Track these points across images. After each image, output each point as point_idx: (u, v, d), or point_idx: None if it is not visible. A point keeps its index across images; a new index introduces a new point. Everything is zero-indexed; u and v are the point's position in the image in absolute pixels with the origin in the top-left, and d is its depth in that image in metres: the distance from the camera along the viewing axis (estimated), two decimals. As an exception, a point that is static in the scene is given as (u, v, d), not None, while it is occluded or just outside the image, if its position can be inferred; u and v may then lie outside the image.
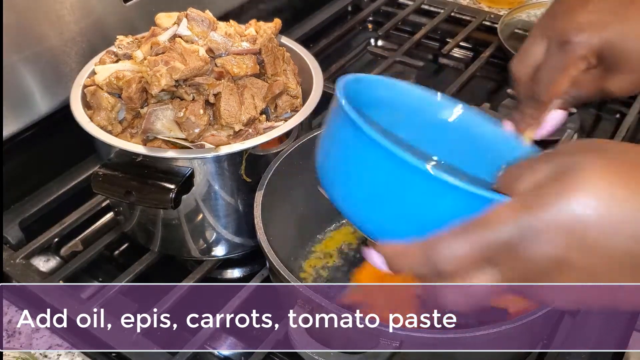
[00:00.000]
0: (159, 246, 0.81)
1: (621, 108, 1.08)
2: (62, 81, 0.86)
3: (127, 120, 0.75)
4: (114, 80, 0.74)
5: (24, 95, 0.84)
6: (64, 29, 0.86)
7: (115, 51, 0.80)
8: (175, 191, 0.69)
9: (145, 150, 0.71)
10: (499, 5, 1.31)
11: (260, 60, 0.77)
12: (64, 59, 0.87)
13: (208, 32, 0.77)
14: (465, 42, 1.23)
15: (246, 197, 0.75)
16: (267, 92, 0.76)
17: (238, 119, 0.73)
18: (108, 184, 0.71)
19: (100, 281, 0.83)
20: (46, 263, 0.85)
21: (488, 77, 1.18)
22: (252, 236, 0.78)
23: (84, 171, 0.92)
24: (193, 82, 0.72)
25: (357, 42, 1.30)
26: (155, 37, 0.77)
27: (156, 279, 0.80)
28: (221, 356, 0.72)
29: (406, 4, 1.32)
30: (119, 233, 0.84)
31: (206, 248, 0.81)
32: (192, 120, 0.71)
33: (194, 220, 0.77)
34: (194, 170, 0.71)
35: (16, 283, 0.78)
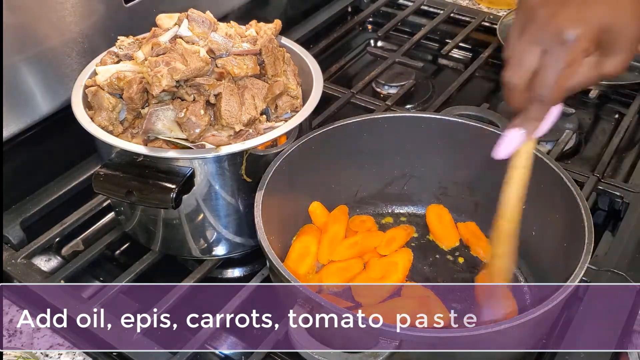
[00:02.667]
0: (159, 246, 0.81)
1: (620, 108, 1.09)
2: (63, 82, 0.87)
3: (128, 120, 0.75)
4: (115, 81, 0.74)
5: (25, 95, 0.84)
6: (65, 30, 0.86)
7: (116, 52, 0.80)
8: (176, 191, 0.69)
9: (146, 151, 0.71)
10: (498, 6, 1.32)
11: (260, 61, 0.77)
12: (65, 60, 0.87)
13: (209, 33, 0.78)
14: (464, 42, 1.23)
15: (246, 197, 0.75)
16: (268, 92, 0.76)
17: (238, 120, 0.73)
18: (109, 183, 0.71)
19: (102, 281, 0.83)
20: (47, 263, 0.85)
21: (487, 77, 1.19)
22: (252, 236, 0.79)
23: (85, 171, 0.92)
24: (194, 83, 0.72)
25: (357, 42, 1.30)
26: (156, 38, 0.77)
27: (157, 278, 0.80)
28: (221, 355, 0.73)
29: (406, 5, 1.32)
30: (120, 233, 0.84)
31: (207, 248, 0.81)
32: (193, 120, 0.71)
33: (194, 220, 0.78)
34: (195, 170, 0.71)
35: (17, 283, 0.78)
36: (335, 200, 0.84)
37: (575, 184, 0.71)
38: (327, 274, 0.77)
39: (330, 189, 0.83)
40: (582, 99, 1.10)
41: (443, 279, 0.79)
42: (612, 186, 0.87)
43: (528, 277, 0.78)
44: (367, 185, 0.86)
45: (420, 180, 0.85)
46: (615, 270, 0.74)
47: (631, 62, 1.08)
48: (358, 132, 0.81)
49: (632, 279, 0.74)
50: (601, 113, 1.10)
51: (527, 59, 0.60)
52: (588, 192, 0.86)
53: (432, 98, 1.12)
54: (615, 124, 1.06)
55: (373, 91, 1.15)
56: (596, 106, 1.10)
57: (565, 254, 0.68)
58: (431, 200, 0.86)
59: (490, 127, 0.79)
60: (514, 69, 0.61)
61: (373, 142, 0.82)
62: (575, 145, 1.01)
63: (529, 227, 0.78)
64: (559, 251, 0.71)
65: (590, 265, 0.74)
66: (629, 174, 0.94)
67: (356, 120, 0.81)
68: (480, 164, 0.81)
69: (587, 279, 0.73)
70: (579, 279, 0.61)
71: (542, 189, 0.75)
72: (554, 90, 0.60)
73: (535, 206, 0.77)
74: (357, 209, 0.86)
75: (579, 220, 0.67)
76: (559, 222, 0.73)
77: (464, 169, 0.83)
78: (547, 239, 0.75)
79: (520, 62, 0.61)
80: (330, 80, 1.13)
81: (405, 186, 0.86)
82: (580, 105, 1.09)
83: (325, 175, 0.82)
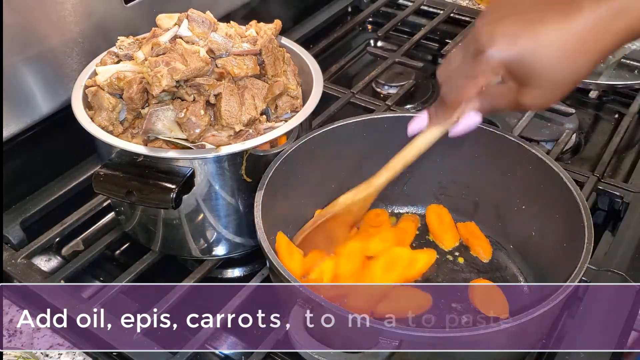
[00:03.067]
0: (159, 246, 0.81)
1: (620, 108, 1.09)
2: (64, 82, 0.87)
3: (128, 120, 0.75)
4: (115, 81, 0.75)
5: (25, 95, 0.84)
6: (65, 30, 0.86)
7: (116, 52, 0.80)
8: (176, 191, 0.69)
9: (146, 151, 0.71)
10: (499, 6, 1.31)
11: (260, 61, 0.77)
12: (65, 60, 0.87)
13: (209, 33, 0.78)
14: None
15: (246, 197, 0.75)
16: (268, 92, 0.76)
17: (238, 120, 0.73)
18: (109, 184, 0.71)
19: (102, 281, 0.83)
20: (47, 263, 0.85)
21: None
22: (252, 236, 0.79)
23: (85, 171, 0.92)
24: (194, 83, 0.72)
25: (357, 42, 1.30)
26: (156, 38, 0.77)
27: (157, 278, 0.80)
28: (221, 355, 0.73)
29: (406, 5, 1.32)
30: (120, 233, 0.84)
31: (207, 248, 0.81)
32: (193, 120, 0.71)
33: (194, 220, 0.78)
34: (195, 170, 0.71)
35: (17, 283, 0.78)
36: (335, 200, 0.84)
37: (575, 184, 0.71)
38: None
39: (330, 188, 0.83)
40: (582, 99, 1.10)
41: (443, 279, 0.79)
42: (612, 186, 0.87)
43: (528, 277, 0.78)
44: (367, 185, 0.86)
45: (420, 180, 0.85)
46: (615, 270, 0.74)
47: (631, 62, 1.10)
48: (358, 132, 0.81)
49: (632, 279, 0.74)
50: (601, 113, 1.10)
51: (454, 57, 0.64)
52: (588, 192, 0.86)
53: (432, 98, 1.12)
54: (615, 124, 1.06)
55: (373, 91, 1.15)
56: (596, 106, 1.11)
57: (565, 254, 0.68)
58: (431, 200, 0.86)
59: (490, 127, 0.79)
60: (443, 64, 0.66)
61: (373, 142, 0.82)
62: (575, 145, 1.01)
63: (529, 227, 0.78)
64: (559, 251, 0.71)
65: (590, 265, 0.74)
66: (628, 174, 0.94)
67: (356, 120, 0.81)
68: (480, 164, 0.81)
69: (587, 279, 0.73)
70: (578, 279, 0.61)
71: (542, 189, 0.75)
72: (454, 94, 0.63)
73: (535, 206, 0.77)
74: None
75: (579, 220, 0.67)
76: (559, 222, 0.73)
77: (464, 169, 0.83)
78: (547, 239, 0.75)
79: (449, 59, 0.65)
80: (330, 80, 1.12)
81: (405, 186, 0.86)
82: (580, 105, 1.09)
83: (325, 175, 0.82)
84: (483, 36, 0.59)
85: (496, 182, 0.81)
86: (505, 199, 0.80)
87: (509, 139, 0.77)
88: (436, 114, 0.67)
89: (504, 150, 0.78)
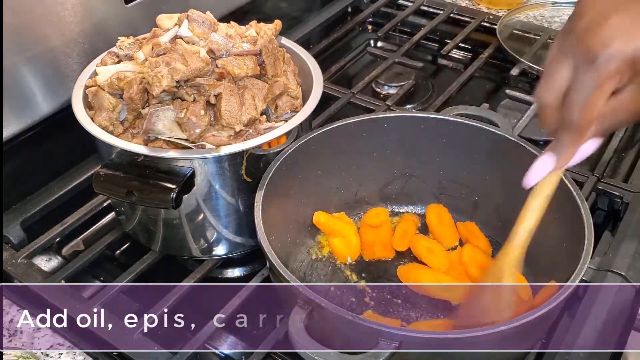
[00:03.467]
0: (160, 246, 0.81)
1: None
2: (64, 82, 0.87)
3: (128, 120, 0.75)
4: (115, 81, 0.75)
5: (25, 95, 0.84)
6: (66, 30, 0.86)
7: (116, 52, 0.80)
8: (176, 191, 0.69)
9: (147, 151, 0.71)
10: (498, 6, 1.32)
11: (260, 61, 0.77)
12: (65, 60, 0.87)
13: (209, 34, 0.78)
14: (464, 43, 1.24)
15: (247, 197, 0.76)
16: (268, 92, 0.76)
17: (239, 120, 0.73)
18: (109, 184, 0.71)
19: (102, 281, 0.83)
20: (48, 263, 0.85)
21: (487, 77, 1.19)
22: (252, 236, 0.79)
23: (86, 171, 0.92)
24: (194, 83, 0.72)
25: (357, 43, 1.30)
26: (156, 38, 0.77)
27: (157, 278, 0.80)
28: (222, 355, 0.73)
29: (405, 5, 1.32)
30: (120, 233, 0.84)
31: (207, 248, 0.81)
32: (193, 120, 0.71)
33: (194, 220, 0.78)
34: (195, 170, 0.71)
35: (18, 283, 0.78)
36: (335, 200, 0.84)
37: (575, 184, 0.71)
38: None
39: (330, 188, 0.83)
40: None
41: (443, 279, 0.79)
42: (611, 186, 0.87)
43: (528, 277, 0.78)
44: (367, 185, 0.86)
45: (419, 180, 0.85)
46: (615, 270, 0.74)
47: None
48: (358, 132, 0.81)
49: (632, 279, 0.74)
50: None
51: (559, 73, 0.56)
52: (588, 192, 0.86)
53: (432, 98, 1.12)
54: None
55: (373, 91, 1.15)
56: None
57: (565, 254, 0.68)
58: (431, 200, 0.86)
59: (490, 127, 0.79)
60: (545, 84, 0.57)
61: (373, 142, 0.82)
62: (575, 145, 1.01)
63: (528, 227, 0.78)
64: (559, 251, 0.71)
65: (590, 265, 0.74)
66: (628, 174, 0.94)
67: (356, 120, 0.81)
68: (480, 164, 0.81)
69: (587, 279, 0.73)
70: (579, 279, 0.61)
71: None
72: (583, 113, 0.55)
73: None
74: (357, 209, 0.86)
75: (579, 220, 0.67)
76: (559, 222, 0.73)
77: (463, 169, 0.83)
78: (547, 239, 0.75)
79: (552, 77, 0.57)
80: (330, 80, 1.13)
81: (405, 186, 0.86)
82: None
83: (325, 175, 0.82)
84: (592, 40, 0.54)
85: (496, 182, 0.81)
86: (505, 199, 0.80)
87: (509, 139, 0.78)
88: (559, 149, 0.59)
89: (504, 150, 0.78)
